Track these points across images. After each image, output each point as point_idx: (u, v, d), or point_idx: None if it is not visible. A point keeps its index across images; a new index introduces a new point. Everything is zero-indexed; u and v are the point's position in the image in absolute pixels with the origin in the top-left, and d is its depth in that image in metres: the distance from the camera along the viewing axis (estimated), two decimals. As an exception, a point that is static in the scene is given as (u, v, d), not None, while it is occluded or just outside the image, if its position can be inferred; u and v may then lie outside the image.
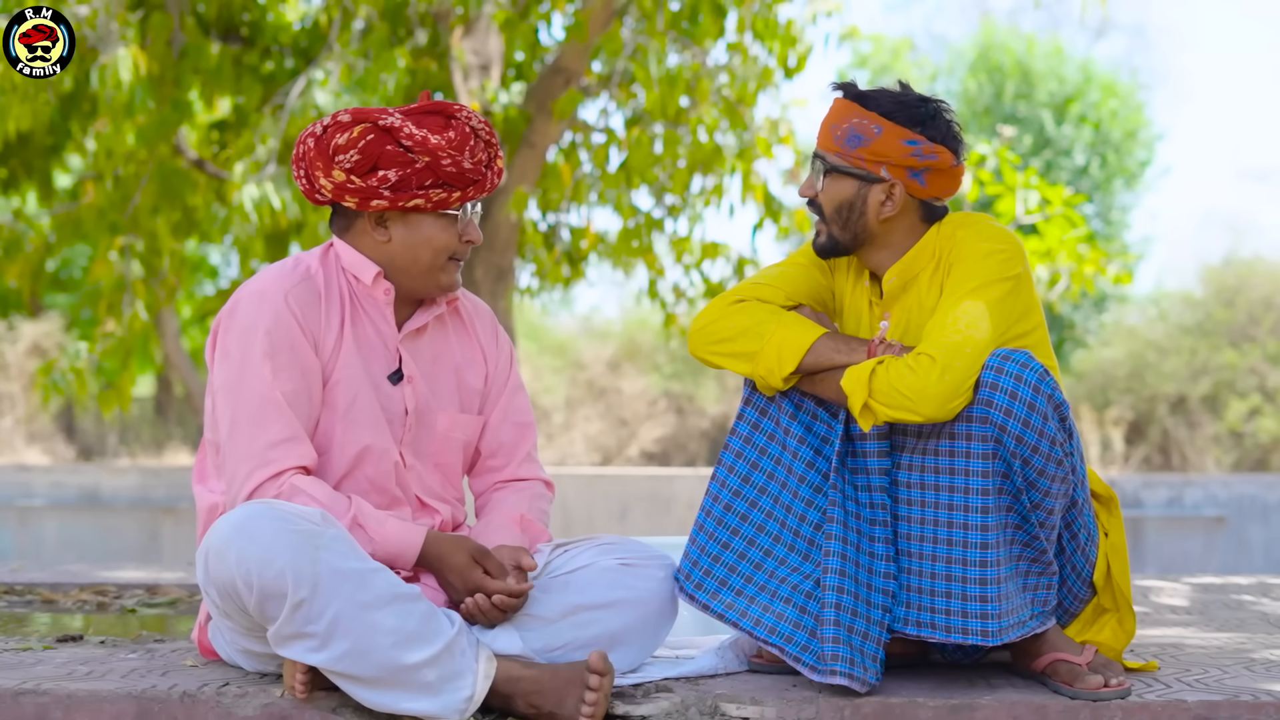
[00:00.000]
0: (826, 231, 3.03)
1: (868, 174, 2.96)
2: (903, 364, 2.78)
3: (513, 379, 3.17)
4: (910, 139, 2.94)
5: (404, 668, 2.65)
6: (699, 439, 17.07)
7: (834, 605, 2.79)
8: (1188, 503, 10.97)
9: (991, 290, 2.86)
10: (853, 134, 2.95)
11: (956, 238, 2.98)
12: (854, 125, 2.95)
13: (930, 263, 3.01)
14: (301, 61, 8.89)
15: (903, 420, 2.78)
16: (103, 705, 2.77)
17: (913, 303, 3.02)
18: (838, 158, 2.98)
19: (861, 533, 2.88)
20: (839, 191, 2.99)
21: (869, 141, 2.94)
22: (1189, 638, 3.60)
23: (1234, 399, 15.92)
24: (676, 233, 9.61)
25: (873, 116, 2.95)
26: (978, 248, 2.93)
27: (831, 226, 3.02)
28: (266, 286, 2.87)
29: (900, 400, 2.76)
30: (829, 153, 2.99)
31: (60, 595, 4.31)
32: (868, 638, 2.82)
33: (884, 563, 2.87)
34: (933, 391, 2.75)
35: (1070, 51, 22.14)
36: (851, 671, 2.76)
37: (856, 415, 2.81)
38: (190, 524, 10.71)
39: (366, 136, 2.85)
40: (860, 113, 2.96)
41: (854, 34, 9.27)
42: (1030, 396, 2.73)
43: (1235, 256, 18.71)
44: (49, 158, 9.76)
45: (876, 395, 2.78)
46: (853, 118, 2.96)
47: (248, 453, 2.80)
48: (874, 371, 2.78)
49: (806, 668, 2.82)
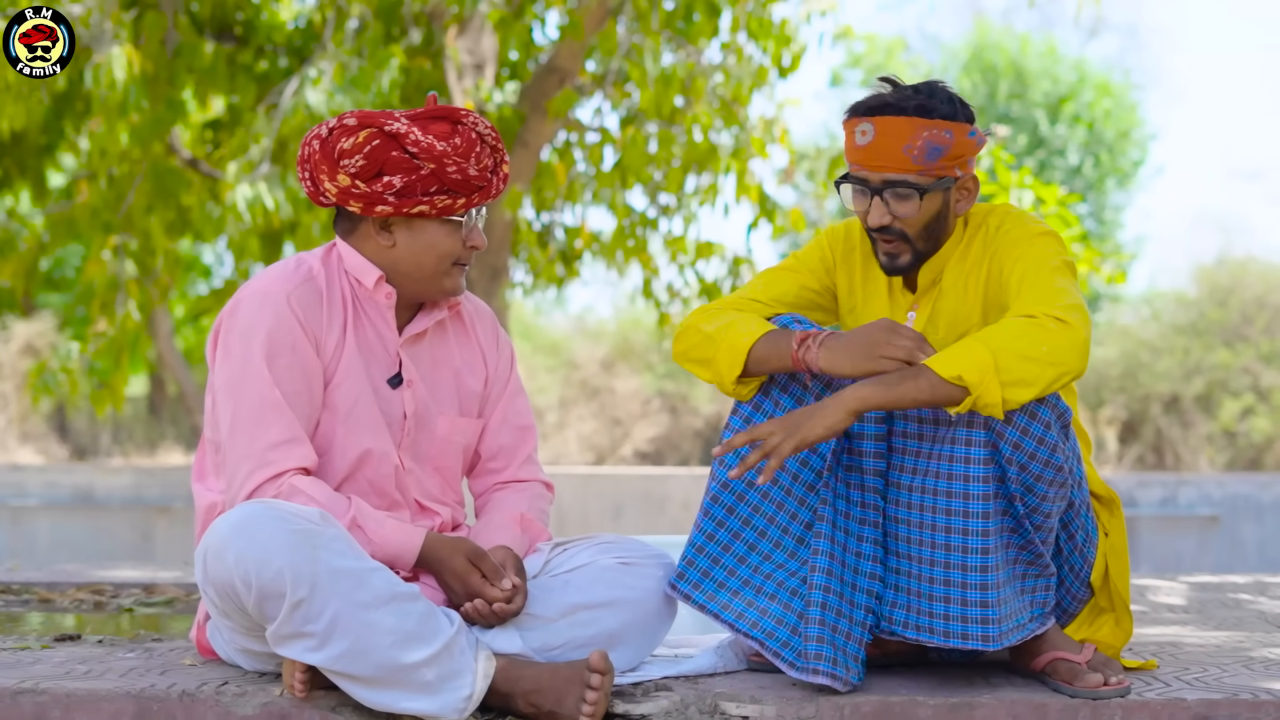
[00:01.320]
0: (911, 250, 2.97)
1: (949, 179, 2.94)
2: (1024, 333, 2.68)
3: (513, 382, 3.16)
4: (971, 130, 2.94)
5: (403, 667, 2.65)
6: (692, 438, 17.07)
7: (819, 604, 2.78)
8: (1182, 502, 10.98)
9: (1062, 264, 2.86)
10: (931, 147, 2.89)
11: (1001, 227, 2.97)
12: (928, 139, 2.89)
13: (959, 250, 3.01)
14: (295, 61, 8.89)
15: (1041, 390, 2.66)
16: (101, 704, 2.76)
17: (936, 293, 3.02)
18: (922, 176, 2.91)
19: (849, 532, 2.87)
20: (930, 207, 2.94)
21: (947, 149, 2.90)
22: (1187, 636, 3.60)
23: (1227, 398, 15.93)
24: (671, 232, 9.61)
25: (939, 123, 2.89)
26: (1032, 227, 2.93)
27: (918, 243, 2.96)
28: (268, 287, 2.86)
29: (1042, 369, 2.65)
30: (912, 174, 2.90)
31: (57, 594, 4.30)
32: (850, 638, 2.81)
33: (870, 563, 2.86)
34: (1078, 341, 2.69)
35: (1064, 51, 22.18)
36: (834, 671, 2.75)
37: (986, 411, 2.68)
38: (184, 523, 10.70)
39: (372, 142, 2.83)
40: (926, 124, 2.89)
41: (848, 34, 9.29)
42: (1032, 404, 2.72)
43: (1228, 256, 18.73)
44: (43, 157, 9.76)
45: (1009, 373, 2.65)
46: (922, 132, 2.89)
47: (248, 453, 2.79)
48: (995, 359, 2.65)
49: (785, 664, 2.82)
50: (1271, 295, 16.63)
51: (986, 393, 2.65)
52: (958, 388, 2.66)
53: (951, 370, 2.66)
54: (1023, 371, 2.65)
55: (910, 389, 2.69)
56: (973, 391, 2.65)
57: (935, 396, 2.68)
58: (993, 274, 2.95)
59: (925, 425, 2.82)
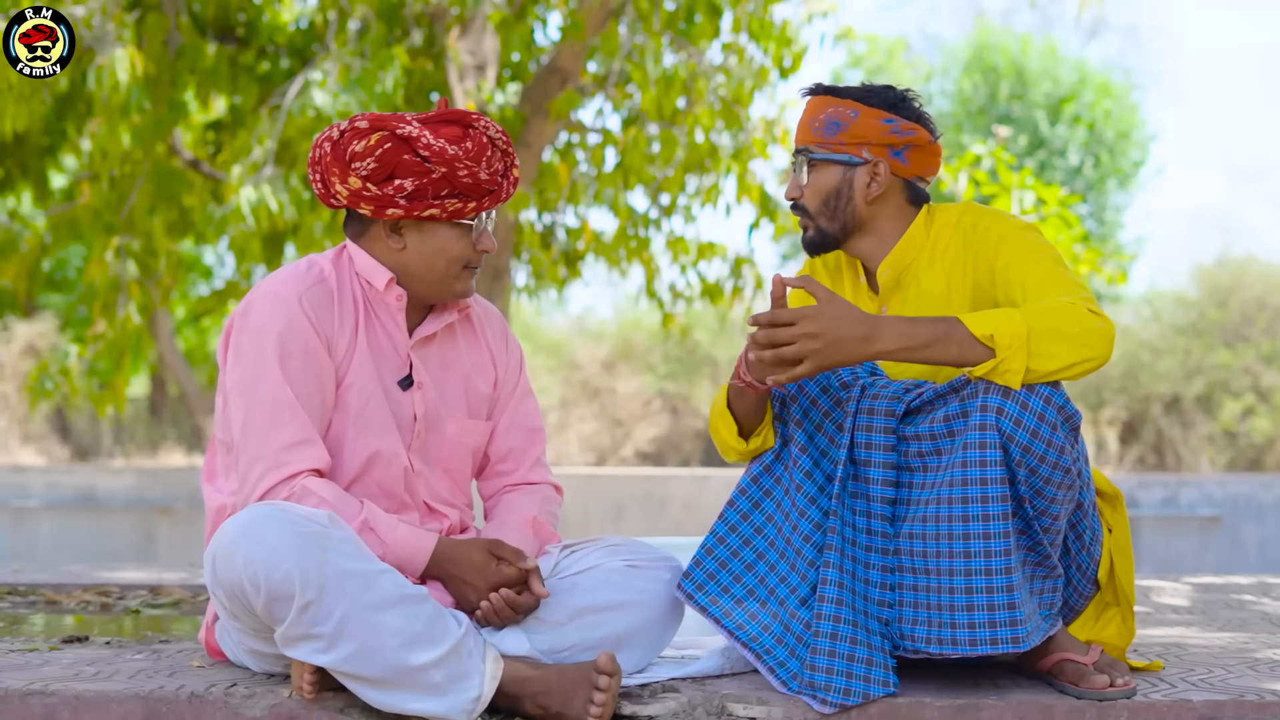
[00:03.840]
0: (814, 225, 3.08)
1: (850, 157, 3.04)
2: (1061, 312, 2.71)
3: (522, 384, 3.16)
4: (886, 118, 3.04)
5: (411, 669, 2.65)
6: (694, 439, 17.08)
7: (829, 635, 2.76)
8: (1183, 502, 10.99)
9: (1060, 259, 2.92)
10: (830, 121, 3.04)
11: (981, 225, 3.01)
12: (830, 114, 3.05)
13: (926, 249, 3.05)
14: (297, 62, 8.89)
15: (1063, 367, 2.68)
16: (110, 706, 2.77)
17: (912, 294, 3.04)
18: (819, 147, 3.05)
19: (857, 560, 2.85)
20: (825, 181, 3.05)
21: (847, 125, 3.04)
22: (1191, 637, 3.61)
23: (1228, 399, 15.95)
24: (673, 232, 9.62)
25: (846, 103, 3.06)
26: (1015, 222, 3.01)
27: (819, 219, 3.07)
28: (280, 289, 2.87)
29: (1071, 348, 2.68)
30: (809, 145, 3.07)
31: (63, 596, 4.31)
32: (872, 664, 2.78)
33: (879, 590, 2.83)
34: (1109, 332, 2.72)
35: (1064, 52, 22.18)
36: (845, 701, 2.73)
37: (1001, 378, 2.69)
38: (186, 524, 10.71)
39: (384, 145, 2.84)
40: (834, 102, 3.06)
41: (849, 34, 9.30)
42: (1040, 407, 2.71)
43: (1228, 256, 18.75)
44: (44, 158, 9.74)
45: (1038, 345, 2.67)
46: (827, 108, 3.06)
47: (261, 454, 2.79)
48: (1029, 328, 2.67)
49: (779, 681, 2.81)
50: (1272, 296, 16.65)
51: (1012, 358, 2.67)
52: (985, 348, 2.69)
53: (985, 329, 2.68)
54: (1051, 346, 2.68)
55: (939, 348, 2.72)
56: (998, 354, 2.68)
57: (962, 354, 2.71)
58: (981, 270, 2.98)
59: (940, 440, 2.80)
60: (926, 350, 2.72)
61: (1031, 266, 2.89)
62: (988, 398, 2.72)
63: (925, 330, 2.72)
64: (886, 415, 2.84)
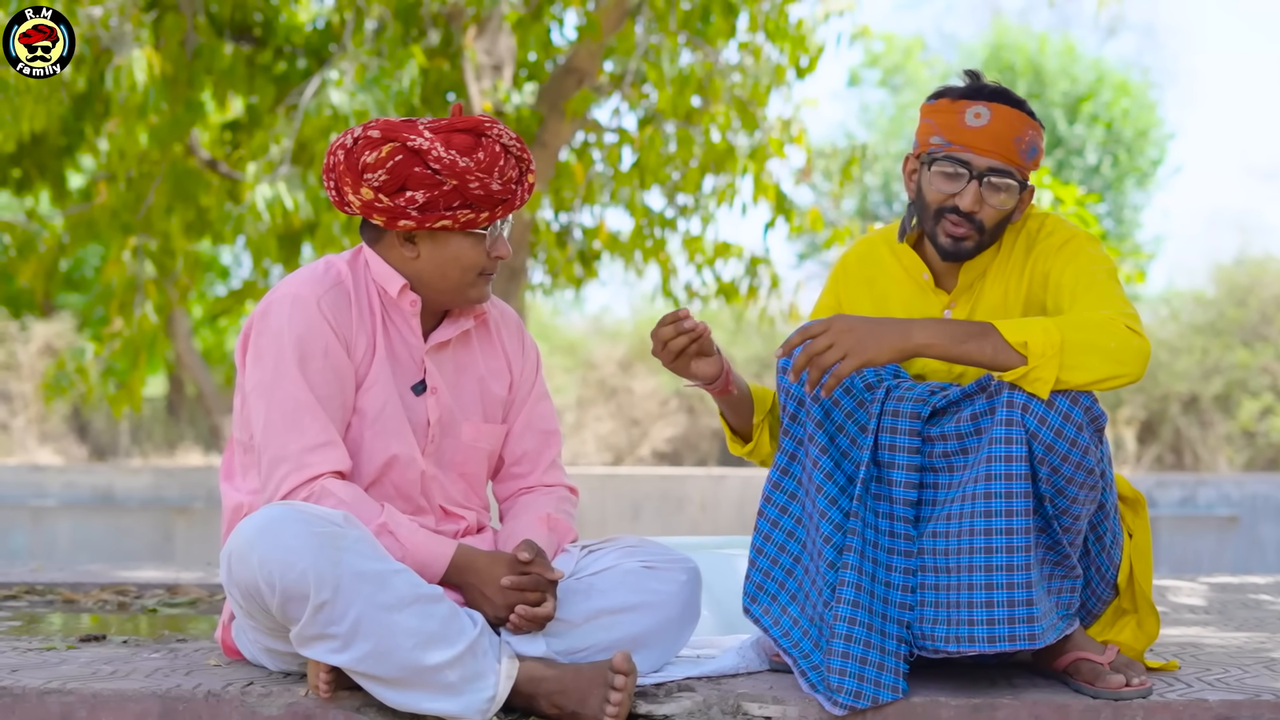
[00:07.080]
0: (977, 239, 2.99)
1: (1027, 183, 3.01)
2: (1097, 325, 2.72)
3: (538, 386, 3.15)
4: None
5: (426, 668, 2.65)
6: (710, 439, 17.07)
7: (844, 637, 2.76)
8: (1200, 502, 10.95)
9: (1113, 271, 2.92)
10: (1032, 146, 2.98)
11: (1045, 229, 3.02)
12: (1031, 137, 2.98)
13: (1000, 254, 3.05)
14: (314, 62, 8.91)
15: (1094, 379, 2.69)
16: (127, 704, 2.78)
17: (977, 294, 3.05)
18: (1021, 170, 2.98)
19: (878, 562, 2.84)
20: (1009, 202, 2.99)
21: (1039, 153, 3.01)
22: (1208, 637, 3.60)
23: (1246, 398, 15.90)
24: (689, 232, 9.62)
25: (1037, 127, 3.01)
26: (1079, 232, 3.00)
27: (986, 234, 3.00)
28: (299, 291, 2.86)
29: (1103, 362, 2.69)
30: (1015, 167, 2.97)
31: (81, 595, 4.32)
32: (884, 669, 2.78)
33: (900, 592, 2.83)
34: (1144, 350, 2.74)
35: (1082, 51, 22.13)
36: (854, 704, 2.73)
37: (1030, 385, 2.70)
38: (203, 523, 10.73)
39: (395, 157, 2.83)
40: (1031, 123, 2.99)
41: (865, 33, 9.28)
42: (1067, 406, 2.71)
43: (1246, 255, 18.69)
44: (62, 158, 9.78)
45: (1071, 356, 2.68)
46: (1028, 129, 2.97)
47: (282, 455, 2.79)
48: (1064, 339, 2.68)
49: (808, 684, 2.80)
50: (1290, 295, 16.60)
51: (1044, 366, 2.68)
52: (1018, 355, 2.69)
53: (1019, 336, 2.69)
54: (1084, 358, 2.69)
55: (974, 346, 2.72)
56: (1030, 361, 2.68)
57: (996, 358, 2.71)
58: (1036, 275, 2.99)
59: (967, 439, 2.80)
60: (963, 346, 2.72)
61: (1083, 276, 2.90)
62: (1014, 394, 2.72)
63: (962, 328, 2.73)
64: (911, 417, 2.84)
